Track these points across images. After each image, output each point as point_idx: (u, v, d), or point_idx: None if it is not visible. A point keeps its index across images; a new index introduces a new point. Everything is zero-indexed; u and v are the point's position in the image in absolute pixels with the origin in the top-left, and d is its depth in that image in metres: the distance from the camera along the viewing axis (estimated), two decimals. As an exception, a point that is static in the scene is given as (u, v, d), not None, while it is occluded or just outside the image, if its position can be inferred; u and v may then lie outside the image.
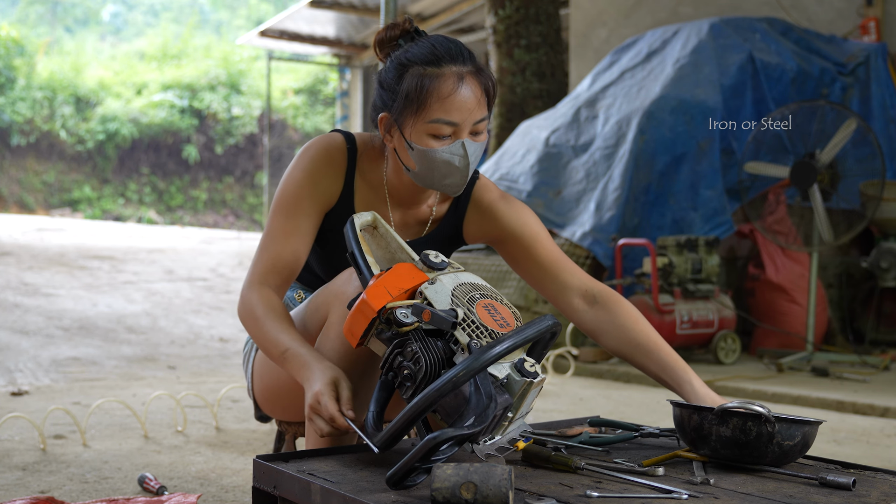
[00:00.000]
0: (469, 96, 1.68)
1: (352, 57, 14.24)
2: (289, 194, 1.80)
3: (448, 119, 1.68)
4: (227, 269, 8.75)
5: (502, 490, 1.28)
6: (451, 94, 1.67)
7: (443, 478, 1.30)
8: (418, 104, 1.68)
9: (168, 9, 24.39)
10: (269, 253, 1.78)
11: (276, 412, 1.96)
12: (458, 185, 1.76)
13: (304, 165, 1.81)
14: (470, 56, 1.71)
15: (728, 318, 5.11)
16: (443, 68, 1.67)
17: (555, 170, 5.92)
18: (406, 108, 1.69)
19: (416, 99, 1.67)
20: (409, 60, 1.70)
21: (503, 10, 7.93)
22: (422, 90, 1.67)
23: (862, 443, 3.21)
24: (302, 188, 1.79)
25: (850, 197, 5.20)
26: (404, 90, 1.69)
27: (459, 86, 1.67)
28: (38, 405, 3.48)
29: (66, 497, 2.24)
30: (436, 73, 1.67)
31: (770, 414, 1.53)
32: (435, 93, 1.67)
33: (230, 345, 5.55)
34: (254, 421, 3.32)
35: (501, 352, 1.40)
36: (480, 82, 1.71)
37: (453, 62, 1.68)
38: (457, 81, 1.67)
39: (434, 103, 1.67)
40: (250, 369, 1.98)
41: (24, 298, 6.33)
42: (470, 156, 1.71)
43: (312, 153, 1.81)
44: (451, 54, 1.69)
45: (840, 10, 6.82)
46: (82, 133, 17.37)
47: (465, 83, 1.68)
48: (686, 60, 5.89)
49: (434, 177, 1.74)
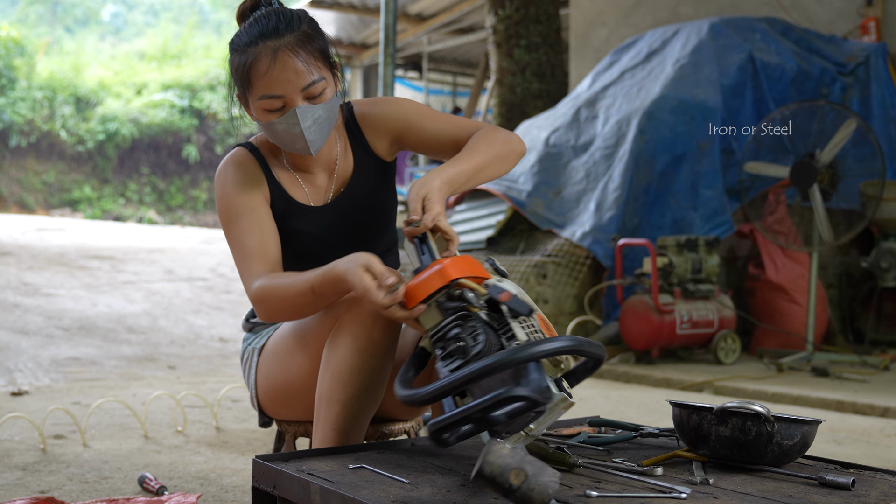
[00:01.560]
0: (285, 69, 1.74)
1: (352, 57, 14.24)
2: (227, 204, 1.87)
3: (271, 93, 1.76)
4: (227, 269, 8.75)
5: (548, 491, 1.25)
6: (268, 70, 1.74)
7: (499, 454, 1.26)
8: (247, 84, 1.78)
9: (168, 9, 24.39)
10: (246, 256, 1.82)
11: (284, 412, 1.97)
12: (307, 149, 1.82)
13: (225, 181, 1.89)
14: (287, 26, 1.76)
15: (728, 318, 5.11)
16: (259, 46, 1.75)
17: (555, 170, 5.92)
18: (242, 88, 1.80)
19: (244, 80, 1.78)
20: (235, 43, 1.79)
21: (503, 10, 7.93)
22: (245, 70, 1.77)
23: (862, 443, 3.21)
24: (236, 195, 1.87)
25: (850, 197, 5.20)
26: (234, 71, 1.80)
27: (273, 61, 1.73)
28: (38, 405, 3.48)
29: (66, 497, 2.24)
30: (253, 52, 1.75)
31: (769, 413, 1.53)
32: (254, 71, 1.75)
33: (230, 345, 5.55)
34: (254, 421, 3.32)
35: (559, 347, 1.39)
36: (302, 49, 1.75)
37: (268, 38, 1.74)
38: (271, 57, 1.73)
39: (256, 81, 1.76)
40: (253, 374, 1.98)
41: (24, 298, 6.34)
42: (304, 122, 1.77)
43: (227, 170, 1.90)
44: (266, 32, 1.75)
45: (840, 10, 6.82)
46: (82, 133, 17.37)
47: (279, 58, 1.73)
48: (686, 60, 5.89)
49: (285, 144, 1.84)
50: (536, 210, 5.74)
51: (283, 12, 1.79)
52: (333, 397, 1.75)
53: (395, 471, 1.53)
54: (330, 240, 1.93)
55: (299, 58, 1.75)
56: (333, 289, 1.67)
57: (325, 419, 1.76)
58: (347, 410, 1.75)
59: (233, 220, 1.85)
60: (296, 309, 1.75)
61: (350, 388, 1.74)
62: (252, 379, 1.99)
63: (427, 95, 12.72)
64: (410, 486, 1.43)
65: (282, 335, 1.93)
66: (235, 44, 1.80)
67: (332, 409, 1.75)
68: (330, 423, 1.76)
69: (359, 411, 1.76)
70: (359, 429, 1.78)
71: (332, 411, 1.75)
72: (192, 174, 18.24)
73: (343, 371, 1.73)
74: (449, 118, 1.96)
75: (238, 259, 1.84)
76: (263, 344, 1.97)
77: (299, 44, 1.76)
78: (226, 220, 1.87)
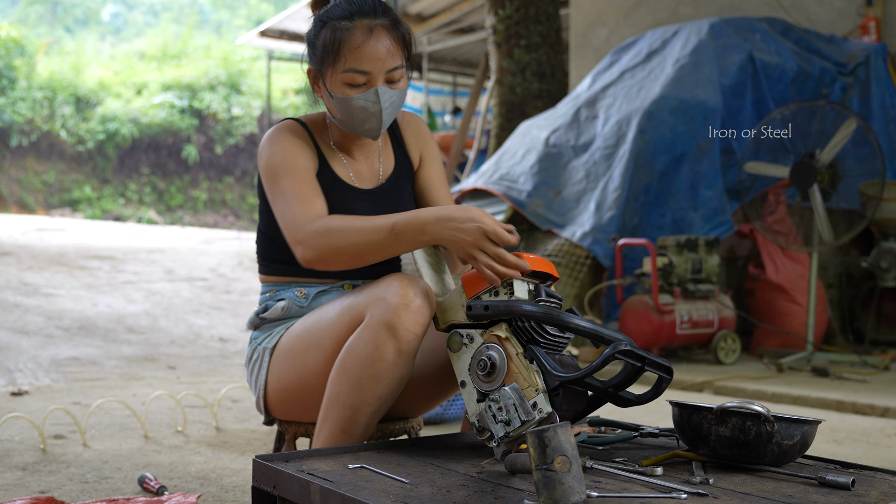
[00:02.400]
0: (379, 47, 1.83)
1: (352, 57, 14.21)
2: (281, 160, 1.89)
3: (359, 68, 1.83)
4: (227, 269, 8.75)
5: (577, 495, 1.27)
6: (362, 45, 1.82)
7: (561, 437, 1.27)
8: (334, 55, 1.84)
9: (168, 9, 24.39)
10: (303, 199, 1.83)
11: (293, 413, 1.96)
12: (376, 130, 1.90)
13: (280, 139, 1.92)
14: (384, 10, 1.86)
15: (728, 318, 5.11)
16: (354, 22, 1.83)
17: (555, 170, 5.92)
18: (324, 59, 1.86)
19: (332, 51, 1.84)
20: (327, 17, 1.87)
21: (503, 10, 7.93)
22: (335, 42, 1.83)
23: (862, 443, 3.21)
24: (291, 154, 1.90)
25: (850, 197, 5.20)
26: (321, 44, 1.87)
27: (369, 37, 1.82)
28: (38, 405, 3.48)
29: (66, 497, 2.24)
30: (347, 26, 1.83)
31: (769, 413, 1.53)
32: (346, 44, 1.82)
33: (230, 345, 5.55)
34: (254, 421, 3.32)
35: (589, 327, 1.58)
36: (392, 33, 1.85)
37: (364, 16, 1.84)
38: (366, 33, 1.82)
39: (346, 53, 1.83)
40: (264, 374, 1.95)
41: (24, 298, 6.33)
42: (384, 102, 1.85)
43: (281, 133, 1.94)
44: (363, 10, 1.84)
45: (840, 10, 6.82)
46: (82, 133, 17.37)
47: (375, 34, 1.83)
48: (686, 60, 5.89)
49: (354, 122, 1.90)
50: (536, 210, 5.74)
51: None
52: (347, 401, 1.74)
53: (395, 471, 1.53)
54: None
55: (390, 40, 1.84)
56: (415, 236, 1.71)
57: (333, 420, 1.76)
58: (358, 415, 1.75)
59: (287, 173, 1.87)
60: (360, 248, 1.74)
61: (365, 395, 1.73)
62: (262, 379, 1.96)
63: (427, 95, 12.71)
64: (410, 486, 1.43)
65: (296, 333, 1.90)
66: (328, 16, 1.87)
67: (344, 413, 1.75)
68: (339, 425, 1.76)
69: (369, 416, 1.76)
70: (366, 432, 1.78)
71: (343, 414, 1.75)
72: (192, 174, 18.23)
73: (361, 377, 1.72)
74: (446, 188, 2.10)
75: (285, 205, 1.84)
76: (276, 343, 1.94)
77: (392, 27, 1.86)
78: (276, 174, 1.88)
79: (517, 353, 1.58)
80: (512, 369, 1.58)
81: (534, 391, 1.54)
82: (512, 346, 1.59)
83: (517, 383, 1.56)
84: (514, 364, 1.58)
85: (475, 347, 1.64)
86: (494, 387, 1.59)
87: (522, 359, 1.58)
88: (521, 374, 1.57)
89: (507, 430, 1.56)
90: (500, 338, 1.61)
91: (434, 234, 1.69)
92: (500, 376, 1.58)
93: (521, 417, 1.55)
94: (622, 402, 1.60)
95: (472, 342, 1.64)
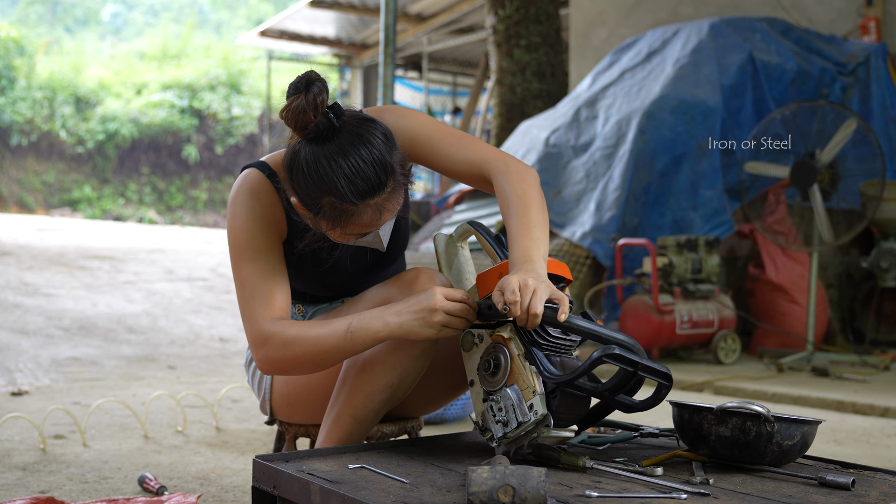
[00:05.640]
0: (386, 216, 1.69)
1: (352, 57, 14.24)
2: (242, 240, 1.78)
3: (367, 231, 1.69)
4: (227, 269, 8.75)
5: (540, 492, 1.27)
6: (371, 222, 1.67)
7: (479, 481, 1.29)
8: (338, 224, 1.67)
9: (168, 9, 24.40)
10: (254, 299, 1.76)
11: (300, 415, 1.97)
12: (382, 247, 1.78)
13: (240, 212, 1.78)
14: (386, 176, 1.64)
15: (728, 318, 5.11)
16: (359, 206, 1.63)
17: (555, 170, 5.92)
18: (324, 222, 1.68)
19: (336, 224, 1.67)
20: (326, 188, 1.62)
21: (503, 10, 7.93)
22: (340, 219, 1.65)
23: (862, 443, 3.21)
24: (250, 231, 1.77)
25: (850, 197, 5.20)
26: (323, 214, 1.66)
27: (378, 215, 1.67)
28: (38, 405, 3.48)
29: (66, 497, 2.24)
30: (353, 209, 1.64)
31: (769, 414, 1.53)
32: (354, 222, 1.66)
33: (230, 345, 5.55)
34: (254, 421, 3.32)
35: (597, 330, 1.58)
36: (397, 193, 1.68)
37: (371, 196, 1.63)
38: (375, 213, 1.66)
39: (352, 227, 1.67)
40: (268, 378, 1.97)
41: (24, 298, 6.33)
42: (383, 233, 1.74)
43: (243, 201, 1.79)
44: (370, 188, 1.63)
45: (840, 10, 6.82)
46: (82, 133, 17.37)
47: (381, 211, 1.67)
48: (686, 60, 5.89)
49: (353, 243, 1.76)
50: (536, 210, 5.74)
51: (377, 162, 1.63)
52: (359, 385, 1.76)
53: (395, 471, 1.53)
54: (345, 267, 1.89)
55: (395, 200, 1.68)
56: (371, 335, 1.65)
57: (344, 402, 1.78)
58: (369, 401, 1.77)
59: (246, 259, 1.77)
60: (320, 352, 1.69)
61: (378, 382, 1.75)
62: (266, 381, 1.98)
63: (427, 95, 12.71)
64: (410, 486, 1.43)
65: None
66: (327, 188, 1.62)
67: (355, 397, 1.77)
68: (349, 409, 1.77)
69: (380, 404, 1.78)
70: (374, 420, 1.80)
71: (355, 398, 1.77)
72: (192, 174, 18.24)
73: (375, 365, 1.75)
74: (460, 137, 1.86)
75: (245, 300, 1.77)
76: None
77: (394, 190, 1.67)
78: (237, 256, 1.79)
79: (518, 354, 1.58)
80: (513, 370, 1.58)
81: (531, 393, 1.55)
82: (515, 347, 1.59)
83: (517, 385, 1.57)
84: (515, 365, 1.58)
85: (484, 347, 1.65)
86: (497, 387, 1.59)
87: (523, 360, 1.58)
88: (521, 375, 1.57)
89: (505, 430, 1.57)
90: (504, 338, 1.61)
91: (390, 329, 1.64)
92: (504, 377, 1.59)
93: (517, 418, 1.55)
94: (623, 408, 1.60)
95: (482, 342, 1.65)
